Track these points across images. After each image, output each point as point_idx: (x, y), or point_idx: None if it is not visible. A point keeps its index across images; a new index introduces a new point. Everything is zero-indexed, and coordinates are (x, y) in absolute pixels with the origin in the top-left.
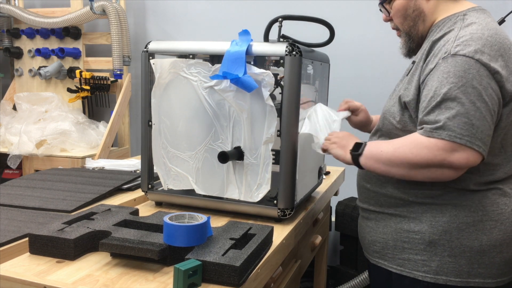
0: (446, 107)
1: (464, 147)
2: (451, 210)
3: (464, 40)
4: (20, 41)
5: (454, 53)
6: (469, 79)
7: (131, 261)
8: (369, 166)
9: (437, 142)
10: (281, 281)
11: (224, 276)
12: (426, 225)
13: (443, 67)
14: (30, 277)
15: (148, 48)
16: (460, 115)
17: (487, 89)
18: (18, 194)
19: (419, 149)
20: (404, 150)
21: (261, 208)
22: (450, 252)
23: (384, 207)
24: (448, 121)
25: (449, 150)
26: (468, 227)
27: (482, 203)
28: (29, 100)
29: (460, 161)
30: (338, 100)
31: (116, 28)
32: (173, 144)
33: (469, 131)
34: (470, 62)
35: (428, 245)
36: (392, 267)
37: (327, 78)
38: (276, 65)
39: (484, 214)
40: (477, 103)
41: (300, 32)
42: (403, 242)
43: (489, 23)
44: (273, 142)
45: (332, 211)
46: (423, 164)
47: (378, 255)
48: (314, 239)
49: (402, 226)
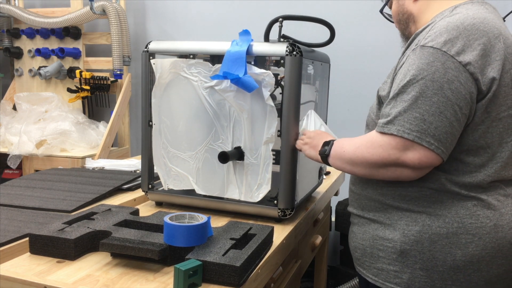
0: (401, 99)
1: (415, 145)
2: (424, 219)
3: (437, 31)
4: (20, 41)
5: (423, 44)
6: (431, 72)
7: (131, 261)
8: (337, 166)
9: (390, 140)
10: (281, 281)
11: (225, 276)
12: (399, 233)
13: (411, 59)
14: (30, 277)
15: (148, 48)
16: (411, 109)
17: (452, 82)
18: (18, 194)
19: (374, 148)
20: (362, 149)
21: (262, 208)
22: (421, 265)
23: (365, 211)
24: (398, 115)
25: (401, 148)
26: (441, 239)
27: (459, 213)
28: (29, 100)
29: (413, 160)
30: (338, 100)
31: (116, 28)
32: (174, 144)
33: (419, 126)
34: (437, 54)
35: (400, 255)
36: (368, 276)
37: (327, 78)
38: (277, 65)
39: (459, 227)
40: (433, 98)
41: (300, 32)
42: (378, 250)
43: (478, 13)
44: (274, 142)
45: (332, 211)
46: (380, 164)
47: (358, 262)
48: (315, 239)
49: (378, 233)
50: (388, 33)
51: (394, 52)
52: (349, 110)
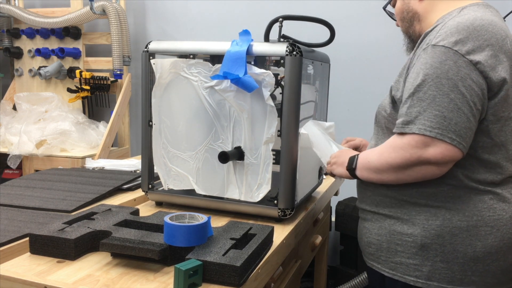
0: (418, 99)
1: (436, 141)
2: (444, 214)
3: (448, 30)
4: (20, 41)
5: (434, 43)
6: (444, 70)
7: (131, 261)
8: (366, 178)
9: (410, 140)
10: (282, 281)
11: (225, 276)
12: (419, 228)
13: (422, 58)
14: (30, 277)
15: (148, 48)
16: (431, 108)
17: (465, 80)
18: (18, 194)
19: (396, 151)
20: (385, 155)
21: (262, 208)
22: (442, 257)
23: (379, 207)
24: (419, 115)
25: (422, 146)
26: (462, 232)
27: (477, 207)
28: (29, 100)
29: (436, 156)
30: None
31: (116, 28)
32: (174, 144)
33: (440, 123)
34: (448, 52)
35: (420, 249)
36: (385, 271)
37: (327, 78)
38: (277, 65)
39: (479, 219)
40: (451, 95)
41: (300, 32)
42: (396, 245)
43: (485, 15)
44: (274, 142)
45: (332, 211)
46: (404, 165)
47: (372, 258)
48: (315, 239)
49: (395, 228)
50: (388, 33)
51: (394, 52)
52: (349, 110)
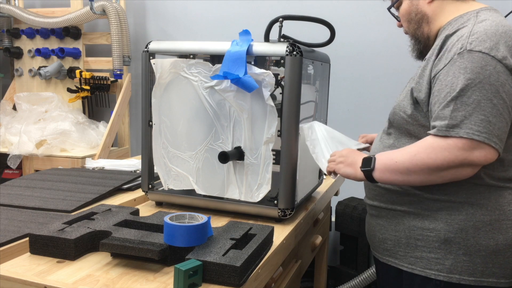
0: (462, 103)
1: (482, 144)
2: (467, 209)
3: (479, 36)
4: (20, 41)
5: (470, 49)
6: (486, 76)
7: (131, 261)
8: (385, 179)
9: (456, 142)
10: (282, 281)
11: (225, 276)
12: (442, 222)
13: (459, 63)
14: (30, 277)
15: (148, 48)
16: (477, 112)
17: (504, 85)
18: (18, 194)
19: (438, 152)
20: (422, 156)
21: (262, 208)
22: (465, 251)
23: (396, 204)
24: (465, 119)
25: (469, 149)
26: (485, 226)
27: (499, 202)
28: (29, 100)
29: (480, 158)
30: (338, 100)
31: (116, 28)
32: (174, 144)
33: (486, 128)
34: (487, 58)
35: (443, 243)
36: (403, 265)
37: (327, 78)
38: (277, 65)
39: (501, 213)
40: (494, 100)
41: (300, 32)
42: (416, 240)
43: (502, 21)
44: (274, 142)
45: (332, 211)
46: (444, 167)
47: (388, 253)
48: (315, 239)
49: (416, 224)
50: (388, 33)
51: (394, 52)
52: (349, 110)
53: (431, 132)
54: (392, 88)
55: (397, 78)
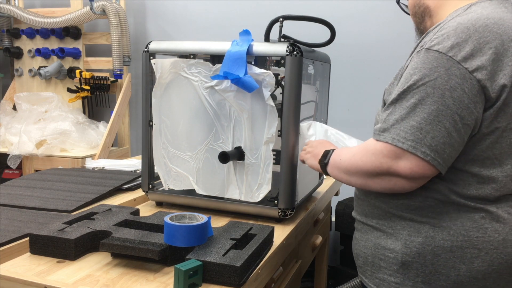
0: (400, 106)
1: (408, 154)
2: (428, 230)
3: (445, 33)
4: (20, 41)
5: (428, 47)
6: (433, 78)
7: (131, 261)
8: (335, 176)
9: (382, 148)
10: (282, 281)
11: (225, 276)
12: (401, 243)
13: (413, 62)
14: (30, 277)
15: (148, 48)
16: (409, 118)
17: (454, 90)
18: (18, 194)
19: (368, 156)
20: (356, 158)
21: (262, 208)
22: (423, 278)
23: (368, 218)
24: (395, 123)
25: (393, 157)
26: (444, 253)
27: (465, 226)
28: (29, 100)
29: (405, 169)
30: (338, 100)
31: (116, 28)
32: (174, 144)
33: (414, 135)
34: (441, 59)
35: (401, 267)
36: (370, 286)
37: (328, 78)
38: (277, 65)
39: (465, 240)
40: (433, 106)
41: (300, 32)
42: (380, 260)
43: (493, 12)
44: (274, 142)
45: (333, 211)
46: (373, 172)
47: (360, 270)
48: (315, 239)
49: (380, 242)
50: (389, 33)
51: (394, 52)
52: (349, 110)
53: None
54: None
55: None
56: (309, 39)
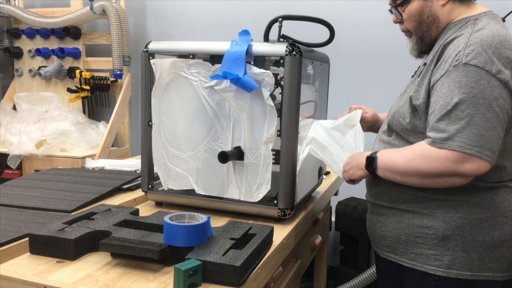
0: (456, 117)
1: (473, 157)
2: (464, 207)
3: (475, 48)
4: (20, 41)
5: (465, 62)
6: (480, 90)
7: (131, 261)
8: (388, 177)
9: (447, 154)
10: (281, 281)
11: (225, 276)
12: (440, 220)
13: (454, 76)
14: (30, 277)
15: (148, 48)
16: (470, 126)
17: (498, 99)
18: (18, 194)
19: (430, 162)
20: (416, 163)
21: (261, 208)
22: (462, 247)
23: (396, 203)
24: (458, 132)
25: (459, 161)
26: (481, 223)
27: (493, 200)
28: (29, 100)
29: (471, 170)
30: (338, 100)
31: (116, 28)
32: (173, 144)
33: (478, 142)
34: (481, 73)
35: (441, 240)
36: (403, 261)
37: (327, 78)
38: (276, 65)
39: (495, 211)
40: (487, 114)
41: (300, 32)
42: (416, 237)
43: (499, 29)
44: (273, 142)
45: (332, 211)
46: (436, 175)
47: (388, 249)
48: (314, 239)
49: (415, 222)
50: (388, 33)
51: (394, 52)
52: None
53: (427, 141)
54: (392, 88)
55: (397, 78)
56: (309, 39)
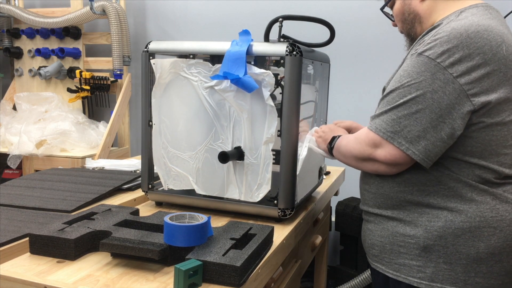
0: (386, 102)
1: (385, 143)
2: (446, 215)
3: (439, 38)
4: (20, 41)
5: (420, 52)
6: (419, 81)
7: (131, 261)
8: (338, 159)
9: (367, 136)
10: (282, 281)
11: (225, 276)
12: (421, 229)
13: (406, 64)
14: (30, 277)
15: (148, 48)
16: (391, 112)
17: (436, 92)
18: (18, 194)
19: (356, 143)
20: (350, 144)
21: (262, 208)
22: (445, 259)
23: (382, 209)
24: (380, 115)
25: (373, 145)
26: (464, 233)
27: (480, 208)
28: (29, 100)
29: (381, 156)
30: (338, 100)
31: (116, 28)
32: (173, 144)
33: (393, 127)
34: (430, 64)
35: (423, 251)
36: (388, 272)
37: (327, 78)
38: (277, 65)
39: (481, 221)
40: (415, 105)
41: (300, 32)
42: (399, 247)
43: (482, 19)
44: (274, 142)
45: (332, 211)
46: (360, 157)
47: (376, 259)
48: (314, 239)
49: (398, 230)
50: (388, 33)
51: (394, 51)
52: (349, 110)
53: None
54: None
55: None
56: (309, 39)
